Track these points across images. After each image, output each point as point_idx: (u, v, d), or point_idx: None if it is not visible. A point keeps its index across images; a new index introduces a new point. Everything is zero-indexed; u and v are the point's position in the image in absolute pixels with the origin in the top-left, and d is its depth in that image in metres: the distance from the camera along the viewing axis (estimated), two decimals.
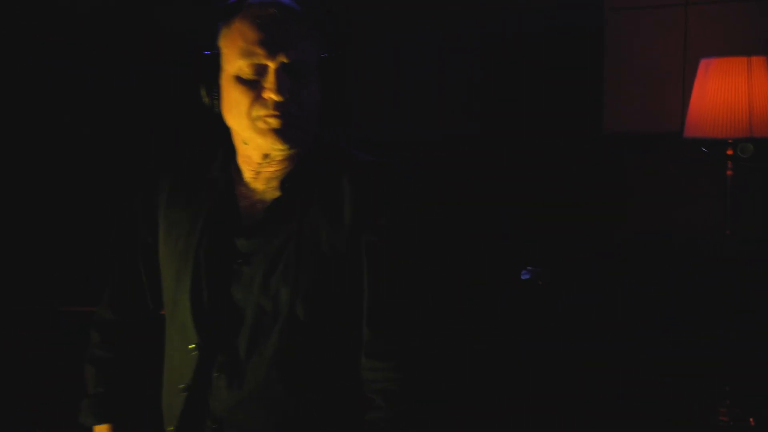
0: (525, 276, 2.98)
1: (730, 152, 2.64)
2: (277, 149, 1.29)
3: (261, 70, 1.27)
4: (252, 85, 1.27)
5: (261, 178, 1.35)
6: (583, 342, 3.15)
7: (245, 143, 1.32)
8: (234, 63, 1.28)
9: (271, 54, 1.26)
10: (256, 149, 1.32)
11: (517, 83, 3.78)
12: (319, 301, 1.28)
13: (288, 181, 1.33)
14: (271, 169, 1.34)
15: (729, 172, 2.62)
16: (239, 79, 1.28)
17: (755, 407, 2.59)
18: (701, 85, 2.65)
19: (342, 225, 1.29)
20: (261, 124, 1.27)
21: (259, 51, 1.26)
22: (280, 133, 1.27)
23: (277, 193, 1.33)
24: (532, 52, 3.78)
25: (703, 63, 2.67)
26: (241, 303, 1.31)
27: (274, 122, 1.27)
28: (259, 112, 1.27)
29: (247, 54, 1.26)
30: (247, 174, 1.36)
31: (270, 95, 1.26)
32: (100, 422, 1.46)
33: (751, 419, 2.56)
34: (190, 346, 1.32)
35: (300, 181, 1.33)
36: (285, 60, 1.26)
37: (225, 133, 1.37)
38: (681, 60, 3.40)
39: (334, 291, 1.29)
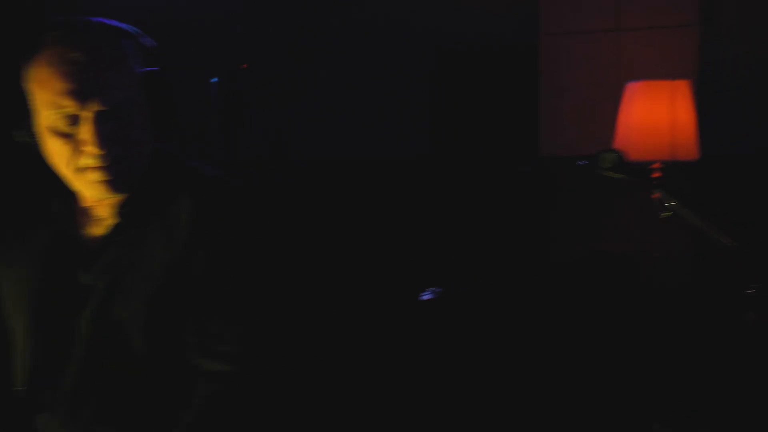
0: (426, 296, 2.97)
1: (655, 175, 2.65)
2: (107, 198, 1.24)
3: (74, 120, 1.16)
4: (68, 136, 1.17)
5: (102, 205, 1.28)
6: (513, 366, 3.14)
7: (75, 190, 1.25)
8: (44, 114, 1.17)
9: (83, 103, 1.15)
10: (88, 198, 1.26)
11: (459, 105, 3.80)
12: (156, 328, 1.22)
13: (127, 206, 1.26)
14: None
15: (655, 195, 2.62)
16: (53, 131, 1.17)
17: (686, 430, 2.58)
18: (627, 109, 2.67)
19: (180, 244, 1.23)
20: (87, 176, 1.19)
21: (69, 102, 1.14)
22: (109, 184, 1.20)
23: (117, 219, 1.27)
24: (471, 77, 3.80)
25: (629, 87, 2.69)
26: (81, 336, 1.24)
27: (99, 175, 1.19)
28: (85, 161, 1.18)
29: (55, 106, 1.15)
30: (89, 201, 1.29)
31: (88, 148, 1.16)
32: None
33: None
34: (19, 388, 1.27)
35: (140, 203, 1.27)
36: (99, 108, 1.16)
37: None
38: (615, 84, 3.43)
39: (172, 315, 1.23)
